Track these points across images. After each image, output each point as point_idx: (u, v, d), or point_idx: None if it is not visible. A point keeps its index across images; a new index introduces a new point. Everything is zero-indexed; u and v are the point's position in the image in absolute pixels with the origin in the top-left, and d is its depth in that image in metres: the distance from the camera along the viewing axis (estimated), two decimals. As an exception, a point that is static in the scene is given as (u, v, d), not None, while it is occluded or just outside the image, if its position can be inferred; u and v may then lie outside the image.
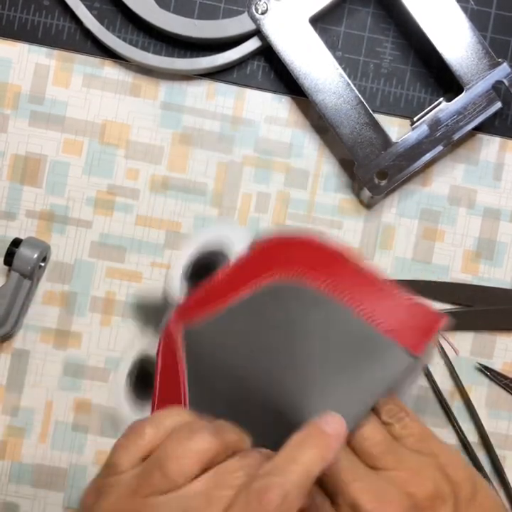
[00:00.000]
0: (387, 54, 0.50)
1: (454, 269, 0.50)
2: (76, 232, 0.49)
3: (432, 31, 0.46)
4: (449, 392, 0.50)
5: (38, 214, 0.49)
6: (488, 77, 0.47)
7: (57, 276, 0.49)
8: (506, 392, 0.50)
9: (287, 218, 0.50)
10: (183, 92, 0.49)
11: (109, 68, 0.49)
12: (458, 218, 0.50)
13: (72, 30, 0.49)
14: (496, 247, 0.50)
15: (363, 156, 0.47)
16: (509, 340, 0.50)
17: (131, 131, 0.49)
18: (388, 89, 0.50)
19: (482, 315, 0.49)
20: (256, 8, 0.46)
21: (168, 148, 0.49)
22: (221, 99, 0.49)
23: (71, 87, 0.49)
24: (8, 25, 0.49)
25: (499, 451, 0.49)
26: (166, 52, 0.49)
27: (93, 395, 0.49)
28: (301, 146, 0.50)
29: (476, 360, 0.50)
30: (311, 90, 0.47)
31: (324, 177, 0.50)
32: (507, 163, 0.50)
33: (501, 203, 0.50)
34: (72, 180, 0.49)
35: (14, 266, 0.47)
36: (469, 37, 0.46)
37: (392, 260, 0.50)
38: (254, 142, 0.49)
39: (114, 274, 0.49)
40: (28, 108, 0.49)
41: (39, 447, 0.49)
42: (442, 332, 0.38)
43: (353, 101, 0.47)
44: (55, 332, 0.49)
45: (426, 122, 0.47)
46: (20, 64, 0.49)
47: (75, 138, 0.49)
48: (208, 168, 0.49)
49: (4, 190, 0.49)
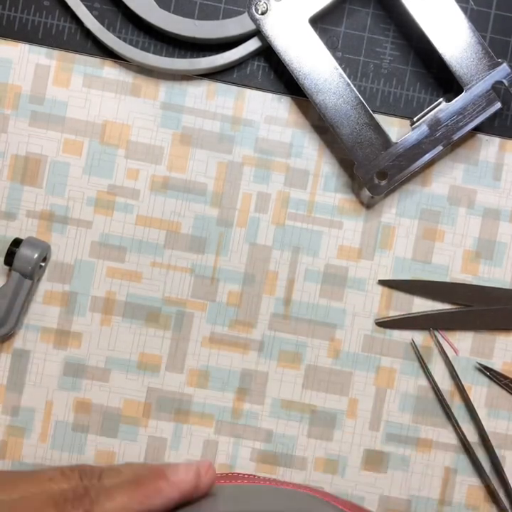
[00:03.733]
0: (387, 54, 0.50)
1: (454, 269, 0.50)
2: (76, 232, 0.49)
3: (431, 31, 0.46)
4: (449, 392, 0.50)
5: (38, 214, 0.49)
6: (488, 77, 0.47)
7: (58, 276, 0.49)
8: (506, 392, 0.50)
9: (287, 218, 0.50)
10: (183, 92, 0.49)
11: (110, 68, 0.49)
12: (458, 218, 0.50)
13: (73, 31, 0.49)
14: (495, 247, 0.50)
15: (363, 156, 0.47)
16: (509, 340, 0.50)
17: (131, 131, 0.49)
18: (388, 90, 0.50)
19: (482, 315, 0.49)
20: (256, 8, 0.46)
21: (168, 149, 0.49)
22: (221, 99, 0.49)
23: (71, 88, 0.49)
24: (9, 26, 0.49)
25: (499, 451, 0.49)
26: (166, 52, 0.49)
27: (93, 395, 0.49)
28: (301, 146, 0.50)
29: (476, 360, 0.50)
30: (311, 90, 0.47)
31: (324, 177, 0.50)
32: (506, 163, 0.50)
33: (501, 203, 0.50)
34: (72, 181, 0.49)
35: (14, 266, 0.47)
36: (469, 37, 0.46)
37: (391, 260, 0.50)
38: (254, 142, 0.50)
39: (114, 274, 0.49)
40: (28, 108, 0.49)
41: (39, 447, 0.49)
42: (442, 332, 0.39)
43: (353, 101, 0.47)
44: (55, 332, 0.49)
45: (426, 122, 0.47)
46: (20, 64, 0.49)
47: (75, 138, 0.49)
48: (207, 168, 0.49)
49: (4, 191, 0.49)
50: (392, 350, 0.50)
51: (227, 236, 0.49)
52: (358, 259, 0.50)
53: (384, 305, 0.50)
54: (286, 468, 0.50)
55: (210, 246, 0.50)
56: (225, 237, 0.49)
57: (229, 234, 0.50)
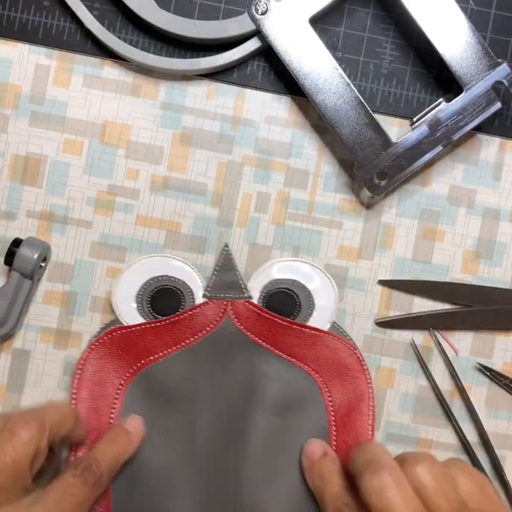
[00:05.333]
0: (387, 54, 0.50)
1: (454, 269, 0.50)
2: (76, 232, 0.49)
3: (431, 32, 0.46)
4: (449, 392, 0.50)
5: (38, 214, 0.49)
6: (488, 77, 0.47)
7: (58, 276, 0.49)
8: (506, 392, 0.50)
9: (287, 218, 0.50)
10: (183, 92, 0.49)
11: (110, 68, 0.49)
12: (458, 218, 0.50)
13: (73, 31, 0.49)
14: (495, 247, 0.50)
15: (363, 156, 0.47)
16: (509, 340, 0.50)
17: (131, 131, 0.49)
18: (388, 90, 0.50)
19: (482, 315, 0.49)
20: (256, 8, 0.46)
21: (168, 149, 0.49)
22: (221, 99, 0.49)
23: (71, 88, 0.49)
24: (9, 26, 0.49)
25: (499, 451, 0.49)
26: (166, 52, 0.49)
27: (93, 395, 0.49)
28: (301, 146, 0.50)
29: (476, 360, 0.50)
30: (311, 90, 0.47)
31: (324, 177, 0.50)
32: (506, 163, 0.50)
33: (501, 203, 0.50)
34: (72, 181, 0.49)
35: (15, 266, 0.47)
36: (469, 37, 0.46)
37: (391, 260, 0.50)
38: (254, 142, 0.50)
39: (114, 274, 0.49)
40: (28, 108, 0.49)
41: (39, 447, 0.49)
42: (442, 332, 0.39)
43: (353, 101, 0.47)
44: (56, 332, 0.49)
45: (426, 122, 0.47)
46: (20, 64, 0.49)
47: (76, 138, 0.49)
48: (208, 168, 0.49)
49: (4, 191, 0.49)
50: (392, 350, 0.50)
51: (227, 236, 0.49)
52: (358, 259, 0.50)
53: (384, 305, 0.50)
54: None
55: (210, 246, 0.49)
56: (225, 237, 0.49)
57: (229, 234, 0.50)
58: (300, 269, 0.48)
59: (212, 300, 0.48)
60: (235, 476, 0.45)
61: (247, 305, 0.47)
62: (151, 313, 0.47)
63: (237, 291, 0.48)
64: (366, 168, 0.47)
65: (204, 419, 0.46)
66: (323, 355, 0.47)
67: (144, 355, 0.47)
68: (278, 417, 0.46)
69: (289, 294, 0.48)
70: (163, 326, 0.47)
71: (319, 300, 0.48)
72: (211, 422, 0.46)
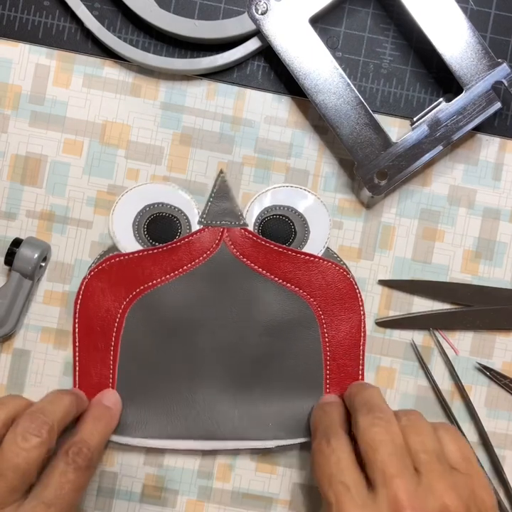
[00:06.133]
0: (387, 54, 0.50)
1: (454, 269, 0.50)
2: (76, 232, 0.49)
3: (431, 32, 0.46)
4: (449, 392, 0.50)
5: (38, 214, 0.49)
6: (488, 77, 0.47)
7: (58, 276, 0.49)
8: (506, 392, 0.50)
9: (287, 218, 0.50)
10: (183, 92, 0.49)
11: (110, 68, 0.49)
12: (458, 218, 0.50)
13: (73, 31, 0.49)
14: (495, 247, 0.50)
15: (363, 156, 0.47)
16: (509, 340, 0.50)
17: (131, 131, 0.49)
18: (388, 90, 0.50)
19: (482, 315, 0.49)
20: (256, 8, 0.46)
21: (168, 149, 0.49)
22: (221, 99, 0.49)
23: (71, 88, 0.49)
24: (9, 26, 0.49)
25: (499, 451, 0.50)
26: (166, 52, 0.49)
27: (93, 395, 0.49)
28: (301, 146, 0.50)
29: (476, 360, 0.50)
30: (311, 90, 0.47)
31: (324, 177, 0.50)
32: (506, 163, 0.50)
33: (501, 203, 0.50)
34: (72, 181, 0.49)
35: (15, 266, 0.47)
36: (469, 37, 0.46)
37: (391, 260, 0.50)
38: (254, 142, 0.50)
39: (114, 274, 0.49)
40: (28, 108, 0.49)
41: (39, 447, 0.49)
42: (442, 332, 0.39)
43: (353, 101, 0.47)
44: (56, 332, 0.49)
45: (426, 122, 0.47)
46: (20, 64, 0.49)
47: (76, 138, 0.49)
48: (207, 168, 0.49)
49: (4, 191, 0.49)
50: (392, 350, 0.50)
51: (227, 236, 0.49)
52: (358, 259, 0.50)
53: (384, 305, 0.50)
54: (286, 468, 0.50)
55: (210, 246, 0.50)
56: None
57: (229, 234, 0.50)
58: (294, 195, 0.49)
59: (208, 227, 0.48)
60: (229, 397, 0.48)
61: (243, 232, 0.48)
62: (148, 240, 0.48)
63: (233, 218, 0.49)
64: (366, 168, 0.47)
65: (202, 341, 0.48)
66: (318, 281, 0.48)
67: (143, 281, 0.48)
68: (273, 338, 0.48)
69: (283, 221, 0.48)
70: (160, 253, 0.48)
71: (314, 226, 0.49)
72: (209, 343, 0.48)
